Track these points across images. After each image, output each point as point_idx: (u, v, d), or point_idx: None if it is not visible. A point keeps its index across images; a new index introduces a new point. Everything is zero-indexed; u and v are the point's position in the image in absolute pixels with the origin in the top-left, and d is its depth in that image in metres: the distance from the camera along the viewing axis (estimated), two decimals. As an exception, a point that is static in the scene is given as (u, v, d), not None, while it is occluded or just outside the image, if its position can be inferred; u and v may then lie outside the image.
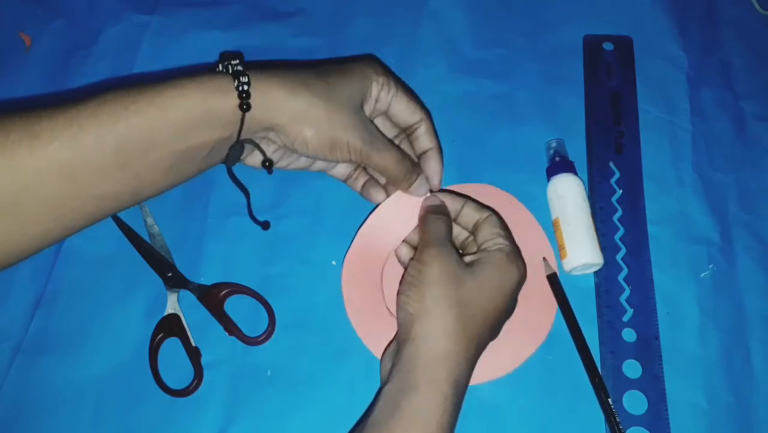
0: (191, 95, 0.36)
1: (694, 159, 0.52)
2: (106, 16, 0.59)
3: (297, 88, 0.39)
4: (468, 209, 0.44)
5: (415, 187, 0.44)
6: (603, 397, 0.42)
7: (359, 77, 0.42)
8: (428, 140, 0.45)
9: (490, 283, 0.39)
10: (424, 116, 0.45)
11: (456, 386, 0.36)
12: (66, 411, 0.44)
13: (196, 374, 0.44)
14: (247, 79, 0.37)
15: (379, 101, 0.43)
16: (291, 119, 0.39)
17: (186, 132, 0.36)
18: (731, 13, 0.59)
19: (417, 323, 0.37)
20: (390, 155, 0.42)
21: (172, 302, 0.47)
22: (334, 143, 0.40)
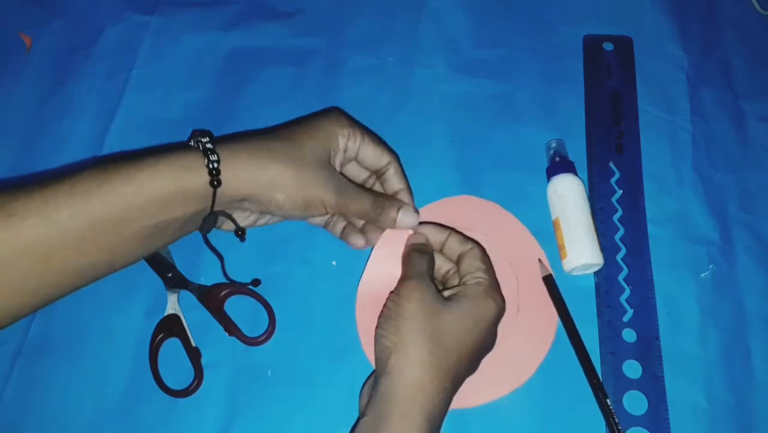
0: (164, 173, 0.38)
1: (694, 159, 0.52)
2: (106, 16, 0.59)
3: (264, 158, 0.40)
4: (452, 241, 0.44)
5: (401, 219, 0.44)
6: (602, 398, 0.42)
7: (324, 133, 0.43)
8: (397, 181, 0.46)
9: (466, 316, 0.39)
10: (391, 159, 0.46)
11: (430, 420, 0.36)
12: (67, 412, 0.44)
13: (196, 374, 0.44)
14: (217, 156, 0.39)
15: (348, 150, 0.44)
16: (261, 188, 0.40)
17: (159, 208, 0.38)
18: (731, 13, 0.59)
19: (393, 357, 0.37)
20: (364, 200, 0.43)
21: (172, 302, 0.47)
22: (307, 202, 0.41)
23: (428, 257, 0.43)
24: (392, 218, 0.44)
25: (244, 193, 0.40)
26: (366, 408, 0.38)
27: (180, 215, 0.39)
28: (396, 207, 0.45)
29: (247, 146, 0.41)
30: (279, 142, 0.42)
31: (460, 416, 0.43)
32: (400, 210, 0.44)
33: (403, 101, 0.54)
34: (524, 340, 0.44)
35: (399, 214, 0.44)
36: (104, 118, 0.54)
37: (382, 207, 0.44)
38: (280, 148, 0.41)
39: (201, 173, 0.38)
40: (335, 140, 0.43)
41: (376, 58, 0.56)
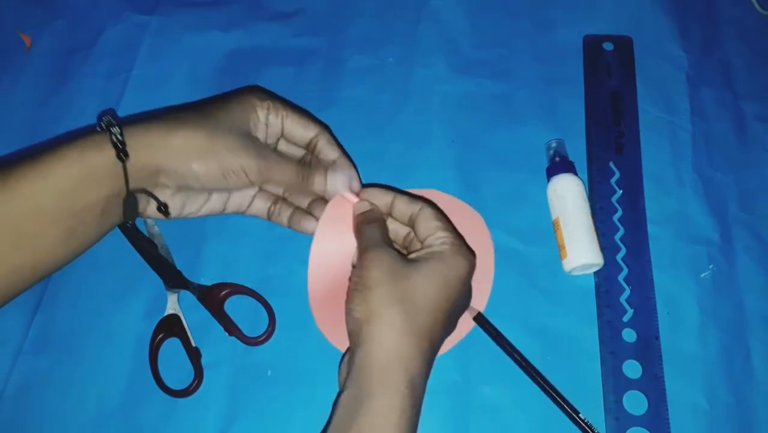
0: (69, 156, 0.37)
1: (694, 159, 0.52)
2: (106, 16, 0.59)
3: (172, 126, 0.39)
4: (400, 204, 0.42)
5: (330, 182, 0.43)
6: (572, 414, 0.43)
7: (241, 107, 0.42)
8: (331, 150, 0.45)
9: (435, 275, 0.38)
10: (319, 129, 0.45)
11: (411, 385, 0.35)
12: (67, 412, 0.44)
13: (196, 374, 0.44)
14: (119, 129, 0.38)
15: (271, 125, 0.43)
16: (173, 157, 0.39)
17: (70, 194, 0.37)
18: (731, 13, 0.59)
19: (364, 327, 0.36)
20: (289, 164, 0.42)
21: (172, 302, 0.47)
22: (225, 170, 0.40)
23: (379, 224, 0.42)
24: (320, 181, 0.42)
25: (156, 165, 0.39)
26: (345, 382, 0.37)
27: (93, 199, 0.38)
28: (323, 170, 0.43)
29: (155, 118, 0.39)
30: (189, 113, 0.40)
31: (461, 416, 0.43)
32: (328, 172, 0.43)
33: (403, 101, 0.54)
34: None
35: (328, 176, 0.42)
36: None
37: (308, 172, 0.42)
38: (192, 117, 0.40)
39: (106, 149, 0.37)
40: (254, 112, 0.42)
41: (376, 58, 0.56)
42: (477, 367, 0.45)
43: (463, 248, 0.40)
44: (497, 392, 0.44)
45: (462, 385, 0.44)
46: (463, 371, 0.44)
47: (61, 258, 0.40)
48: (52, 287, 0.48)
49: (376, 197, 0.44)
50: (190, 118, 0.40)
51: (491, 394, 0.44)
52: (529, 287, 0.47)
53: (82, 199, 0.37)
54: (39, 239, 0.37)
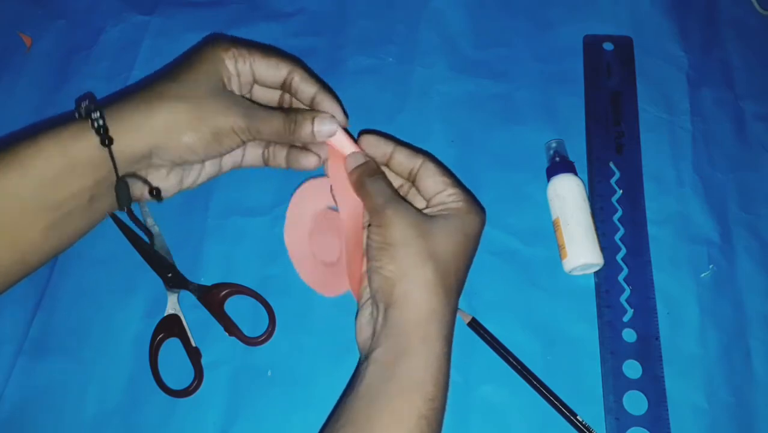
0: (47, 147, 0.36)
1: (694, 159, 0.52)
2: (106, 16, 0.59)
3: (153, 102, 0.37)
4: (400, 156, 0.42)
5: (317, 129, 0.41)
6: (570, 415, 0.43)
7: (208, 62, 0.40)
8: (308, 85, 0.43)
9: (457, 232, 0.38)
10: (291, 66, 0.43)
11: (447, 341, 0.36)
12: (67, 412, 0.44)
13: (196, 374, 0.44)
14: (100, 113, 0.36)
15: (242, 74, 0.42)
16: (162, 134, 0.38)
17: (51, 186, 0.35)
18: (731, 13, 0.59)
19: (397, 285, 0.36)
20: (275, 117, 0.41)
21: (172, 302, 0.47)
22: (217, 134, 0.39)
23: (382, 176, 0.41)
24: (308, 130, 0.41)
25: (145, 146, 0.37)
26: (373, 341, 0.37)
27: (78, 189, 0.36)
28: (310, 117, 0.41)
29: (131, 97, 0.38)
30: (164, 84, 0.39)
31: (461, 416, 0.43)
32: (315, 119, 0.41)
33: (403, 101, 0.54)
34: None
35: (315, 124, 0.41)
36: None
37: (295, 121, 0.41)
38: (168, 88, 0.38)
39: (88, 136, 0.36)
40: (222, 65, 0.41)
41: (376, 58, 0.56)
42: (477, 367, 0.45)
43: (476, 204, 0.41)
44: (497, 392, 0.44)
45: (462, 385, 0.44)
46: (463, 371, 0.44)
47: (47, 251, 0.38)
48: (52, 286, 0.48)
49: (374, 146, 0.42)
50: (168, 90, 0.38)
51: (491, 394, 0.44)
52: (529, 287, 0.47)
53: (65, 190, 0.36)
54: (21, 232, 0.36)
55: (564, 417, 0.43)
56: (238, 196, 0.50)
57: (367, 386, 0.35)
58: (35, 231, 0.36)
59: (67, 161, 0.36)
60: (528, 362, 0.44)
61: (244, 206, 0.50)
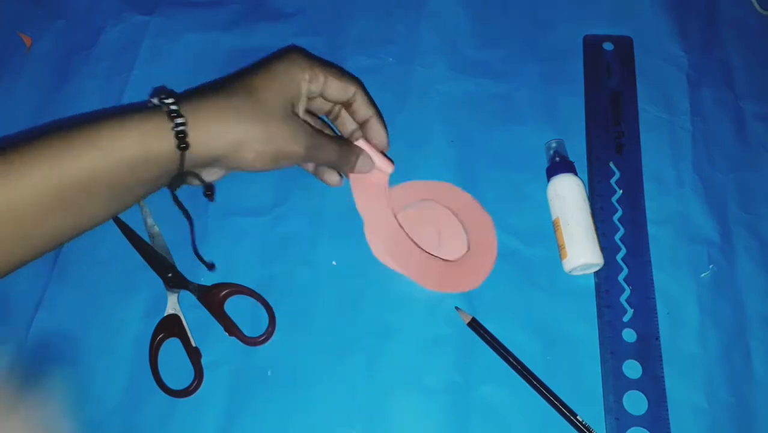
0: (130, 135, 0.37)
1: (694, 159, 0.52)
2: (106, 16, 0.59)
3: (230, 118, 0.40)
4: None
5: (359, 167, 0.48)
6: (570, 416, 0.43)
7: (286, 80, 0.43)
8: (366, 109, 0.47)
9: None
10: (356, 89, 0.46)
11: None
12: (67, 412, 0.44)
13: (196, 374, 0.44)
14: (184, 120, 0.38)
15: (311, 93, 0.45)
16: (231, 149, 0.40)
17: (125, 172, 0.38)
18: (731, 13, 0.59)
19: None
20: (331, 150, 0.45)
21: (172, 302, 0.47)
22: (276, 157, 0.42)
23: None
24: (351, 163, 0.47)
25: (213, 155, 0.40)
26: None
27: (146, 178, 0.39)
28: (355, 154, 0.47)
29: (213, 105, 0.40)
30: (242, 99, 0.41)
31: (461, 416, 0.43)
32: (360, 157, 0.47)
33: (403, 101, 0.54)
34: None
35: (358, 162, 0.47)
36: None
37: (347, 154, 0.47)
38: (245, 105, 0.41)
39: (167, 137, 0.38)
40: (297, 87, 0.43)
41: (376, 58, 0.56)
42: (477, 367, 0.45)
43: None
44: (497, 392, 0.44)
45: (462, 385, 0.44)
46: (463, 371, 0.44)
47: (103, 219, 0.41)
48: (52, 286, 0.48)
49: None
50: (243, 107, 0.41)
51: (491, 394, 0.44)
52: (529, 287, 0.47)
53: (134, 178, 0.38)
54: (87, 206, 0.38)
55: (564, 417, 0.43)
56: (238, 196, 0.50)
57: None
58: (97, 206, 0.39)
59: (145, 154, 0.38)
60: (528, 362, 0.44)
61: (244, 206, 0.50)
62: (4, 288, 0.48)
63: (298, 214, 0.50)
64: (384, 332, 0.46)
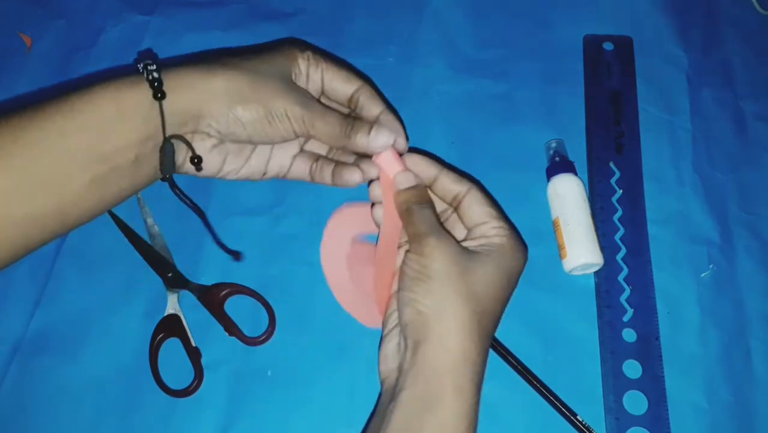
0: (101, 93, 0.35)
1: (694, 159, 0.52)
2: (106, 16, 0.59)
3: (213, 68, 0.37)
4: (444, 180, 0.40)
5: (373, 138, 0.39)
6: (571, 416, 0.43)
7: (282, 56, 0.40)
8: (374, 105, 0.41)
9: (498, 272, 0.36)
10: (361, 83, 0.42)
11: (479, 389, 0.34)
12: (66, 411, 0.44)
13: (196, 374, 0.44)
14: (156, 67, 0.35)
15: (311, 79, 0.41)
16: (216, 100, 0.36)
17: (100, 134, 0.35)
18: (731, 13, 0.59)
19: (432, 323, 0.34)
20: (334, 116, 0.39)
21: (172, 302, 0.47)
22: (270, 114, 0.37)
23: (430, 205, 0.39)
24: (364, 137, 0.39)
25: (196, 108, 0.36)
26: (400, 380, 0.35)
27: (126, 142, 0.35)
28: (368, 126, 0.40)
29: (194, 60, 0.38)
30: (231, 57, 0.38)
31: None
32: (373, 129, 0.39)
33: (403, 101, 0.54)
34: None
35: (372, 132, 0.39)
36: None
37: (352, 126, 0.39)
38: (234, 61, 0.38)
39: (141, 88, 0.35)
40: (295, 62, 0.40)
41: (376, 58, 0.56)
42: (477, 367, 0.45)
43: (519, 240, 0.39)
44: (497, 392, 0.44)
45: (462, 385, 0.44)
46: (463, 371, 0.44)
47: (89, 207, 0.37)
48: (52, 286, 0.48)
49: (420, 167, 0.41)
50: (231, 62, 0.38)
51: (491, 394, 0.44)
52: (529, 287, 0.47)
53: (113, 141, 0.35)
54: (66, 183, 0.35)
55: (564, 417, 0.43)
56: (238, 196, 0.50)
57: (393, 429, 0.34)
58: (79, 183, 0.35)
59: (118, 110, 0.35)
60: (528, 362, 0.44)
61: (244, 206, 0.50)
62: (3, 286, 0.48)
63: (298, 214, 0.50)
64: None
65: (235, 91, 0.37)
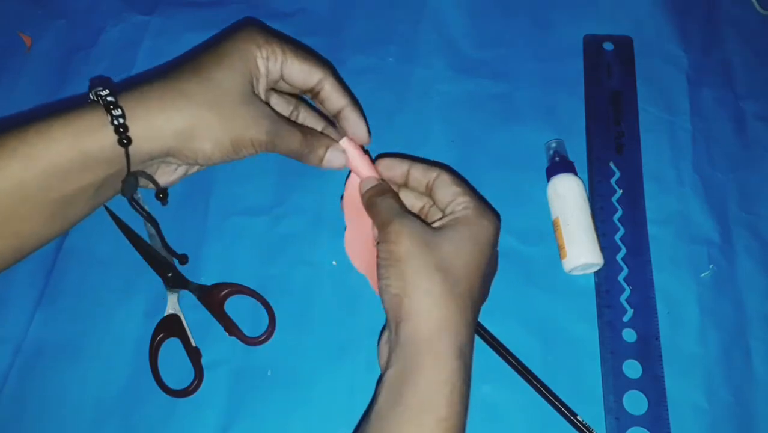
0: (60, 137, 0.33)
1: (694, 159, 0.52)
2: (106, 16, 0.59)
3: (178, 103, 0.36)
4: (415, 172, 0.41)
5: (328, 159, 0.42)
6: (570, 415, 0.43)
7: (239, 58, 0.38)
8: (338, 97, 0.42)
9: (465, 241, 0.37)
10: (324, 74, 0.41)
11: (461, 356, 0.34)
12: (66, 412, 0.44)
13: (196, 374, 0.44)
14: (121, 111, 0.34)
15: (270, 73, 0.40)
16: (182, 140, 0.36)
17: (61, 179, 0.34)
18: (731, 13, 0.59)
19: (405, 302, 0.35)
20: (294, 136, 0.40)
21: (172, 302, 0.47)
22: (237, 144, 0.38)
23: (391, 194, 0.41)
24: (319, 156, 0.42)
25: (162, 148, 0.36)
26: (388, 361, 0.35)
27: (88, 183, 0.35)
28: (324, 145, 0.42)
29: (156, 91, 0.36)
30: (190, 81, 0.37)
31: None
32: (329, 149, 0.42)
33: (403, 101, 0.54)
34: None
35: (327, 152, 0.42)
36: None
37: (311, 146, 0.41)
38: (194, 88, 0.36)
39: (105, 132, 0.34)
40: (253, 64, 0.39)
41: (376, 58, 0.56)
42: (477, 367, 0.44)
43: (487, 210, 0.39)
44: (497, 392, 0.44)
45: (462, 385, 0.44)
46: (463, 371, 0.44)
47: (44, 240, 0.37)
48: (52, 286, 0.48)
49: (390, 165, 0.42)
50: (194, 91, 0.36)
51: (491, 394, 0.44)
52: (529, 287, 0.47)
53: (73, 184, 0.34)
54: (24, 222, 0.34)
55: (564, 417, 0.43)
56: (238, 196, 0.50)
57: (378, 411, 0.34)
58: (37, 221, 0.35)
59: (80, 155, 0.34)
60: (528, 362, 0.44)
61: (244, 206, 0.50)
62: (4, 287, 0.48)
63: (298, 214, 0.50)
64: (384, 332, 0.46)
65: (204, 129, 0.37)
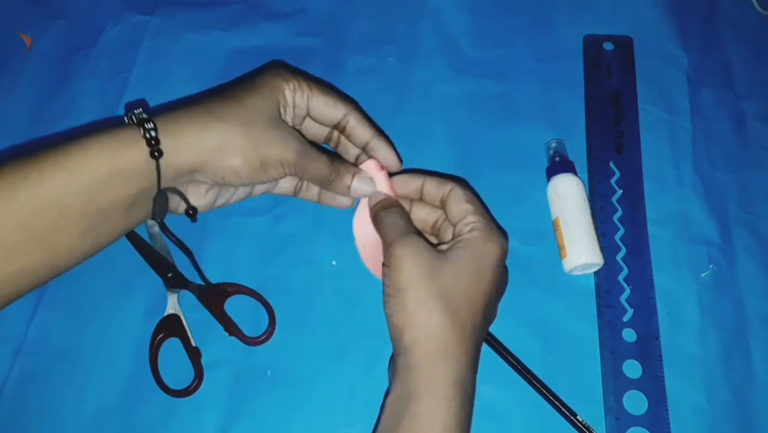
0: (95, 153, 0.35)
1: (694, 159, 0.52)
2: (106, 16, 0.59)
3: (209, 121, 0.37)
4: (429, 187, 0.42)
5: (355, 187, 0.42)
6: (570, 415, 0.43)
7: (268, 88, 0.40)
8: (363, 130, 0.43)
9: (469, 267, 0.37)
10: (348, 108, 0.43)
11: (460, 384, 0.35)
12: (66, 412, 0.44)
13: (196, 374, 0.44)
14: (153, 125, 0.35)
15: (297, 107, 0.41)
16: (212, 155, 0.37)
17: (96, 192, 0.35)
18: (731, 13, 0.59)
19: (405, 333, 0.36)
20: (322, 162, 0.41)
21: (172, 302, 0.47)
22: (265, 163, 0.38)
23: (398, 209, 0.41)
24: (346, 184, 0.42)
25: (192, 163, 0.37)
26: (390, 384, 0.36)
27: (121, 197, 0.36)
28: (351, 173, 0.42)
29: (188, 111, 0.37)
30: (222, 104, 0.38)
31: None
32: (356, 176, 0.42)
33: (403, 101, 0.54)
34: None
35: (354, 181, 0.42)
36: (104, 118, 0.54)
37: (338, 172, 0.42)
38: (225, 109, 0.38)
39: (138, 146, 0.35)
40: (281, 93, 0.40)
41: (376, 58, 0.56)
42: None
43: (494, 232, 0.39)
44: (497, 392, 0.44)
45: (462, 385, 0.44)
46: (463, 371, 0.44)
47: (79, 256, 0.38)
48: (52, 286, 0.48)
49: (404, 184, 0.43)
50: (224, 111, 0.38)
51: (491, 394, 0.44)
52: (529, 287, 0.47)
53: (108, 197, 0.35)
54: (59, 237, 0.35)
55: (564, 417, 0.43)
56: (238, 196, 0.50)
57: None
58: (72, 235, 0.36)
59: (115, 169, 0.35)
60: (528, 362, 0.44)
61: (244, 206, 0.50)
62: (4, 288, 0.48)
63: (298, 214, 0.50)
64: (384, 332, 0.45)
65: (231, 146, 0.37)
